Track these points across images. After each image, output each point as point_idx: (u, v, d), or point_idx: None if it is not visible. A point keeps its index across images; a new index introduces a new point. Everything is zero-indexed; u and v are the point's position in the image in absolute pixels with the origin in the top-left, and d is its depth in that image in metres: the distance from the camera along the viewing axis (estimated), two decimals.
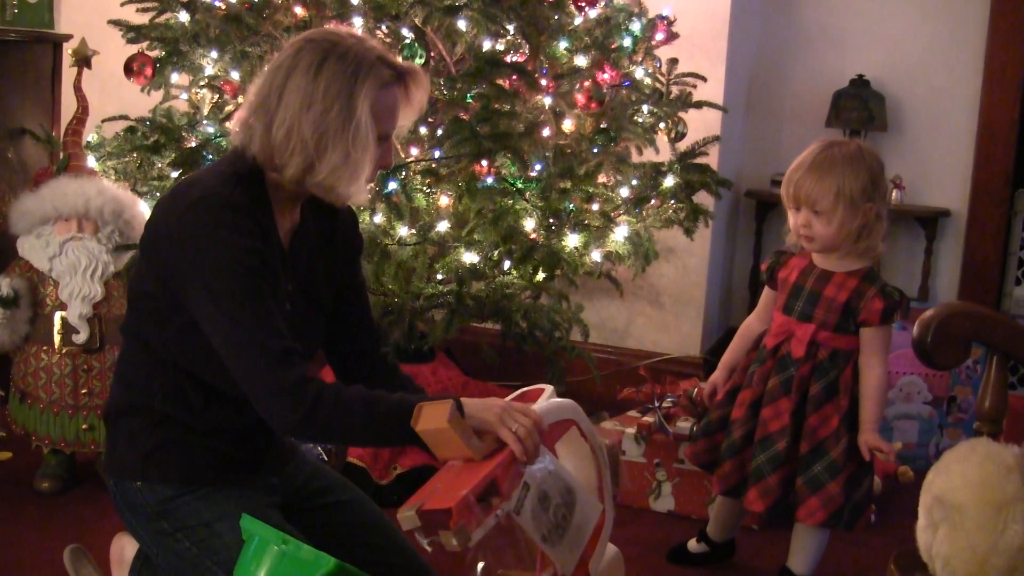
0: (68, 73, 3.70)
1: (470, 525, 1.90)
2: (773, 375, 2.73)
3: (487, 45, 3.18)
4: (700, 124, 3.87)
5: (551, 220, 3.26)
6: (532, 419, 2.01)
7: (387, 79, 2.09)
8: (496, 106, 3.12)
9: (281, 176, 2.09)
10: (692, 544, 3.05)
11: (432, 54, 3.12)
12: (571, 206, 3.31)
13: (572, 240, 3.28)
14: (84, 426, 3.21)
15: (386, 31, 3.22)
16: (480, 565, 2.09)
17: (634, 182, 3.52)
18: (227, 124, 3.25)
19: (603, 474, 2.26)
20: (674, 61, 3.66)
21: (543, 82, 3.22)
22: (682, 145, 3.65)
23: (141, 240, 2.15)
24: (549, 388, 2.21)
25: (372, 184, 2.23)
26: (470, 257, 3.22)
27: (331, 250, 2.27)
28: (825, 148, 2.65)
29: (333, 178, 2.07)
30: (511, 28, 3.23)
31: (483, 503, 1.93)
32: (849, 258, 2.69)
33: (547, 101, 3.24)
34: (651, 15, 3.58)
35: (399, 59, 2.14)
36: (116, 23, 3.42)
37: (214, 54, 3.26)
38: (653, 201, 3.56)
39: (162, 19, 3.39)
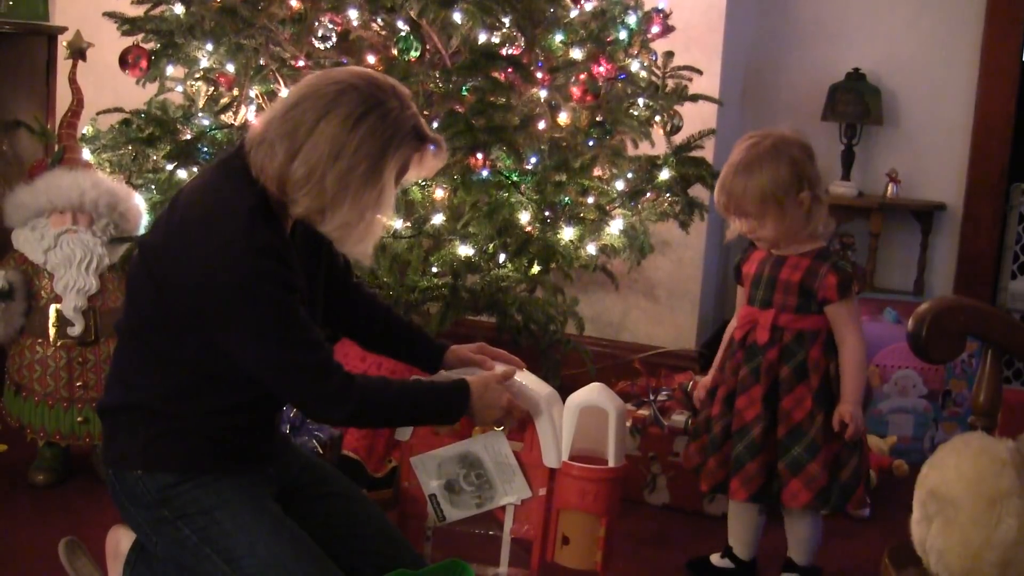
0: (63, 65, 3.68)
1: None
2: (743, 365, 2.73)
3: (483, 38, 3.18)
4: (696, 117, 3.87)
5: (546, 213, 3.26)
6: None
7: (415, 149, 2.14)
8: (491, 99, 3.12)
9: (289, 207, 2.11)
10: (715, 558, 2.96)
11: (427, 47, 3.11)
12: (566, 199, 3.31)
13: (567, 233, 3.28)
14: (79, 419, 3.21)
15: (381, 24, 3.21)
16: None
17: (629, 175, 3.52)
18: (222, 117, 3.25)
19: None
20: (670, 54, 3.66)
21: (539, 75, 3.21)
22: (677, 138, 3.65)
23: (148, 256, 2.14)
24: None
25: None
26: (465, 250, 3.22)
27: (319, 237, 2.26)
28: (744, 151, 2.65)
29: (342, 232, 2.11)
30: (507, 21, 3.23)
31: None
32: (800, 242, 2.69)
33: (543, 94, 3.24)
34: (647, 8, 3.58)
35: (430, 131, 2.18)
36: (111, 15, 3.41)
37: (209, 46, 3.25)
38: (648, 194, 3.56)
39: (157, 11, 3.39)
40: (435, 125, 3.16)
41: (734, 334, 2.80)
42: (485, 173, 3.09)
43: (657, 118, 3.62)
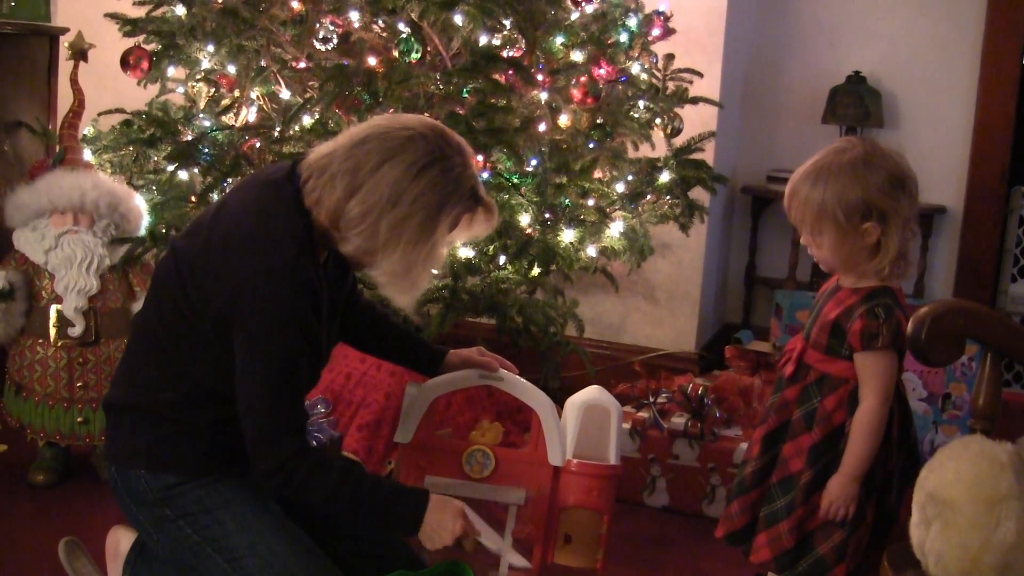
0: (64, 66, 3.69)
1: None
2: (772, 395, 2.46)
3: (483, 40, 3.18)
4: (696, 120, 3.87)
5: (547, 215, 3.26)
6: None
7: (469, 209, 2.13)
8: (492, 101, 3.11)
9: (339, 244, 2.11)
10: None
11: (428, 49, 3.12)
12: (567, 201, 3.31)
13: (567, 235, 3.28)
14: (79, 419, 3.21)
15: (382, 25, 3.22)
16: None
17: (630, 177, 3.52)
18: (223, 118, 3.25)
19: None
20: (670, 57, 3.66)
21: (539, 77, 3.21)
22: (678, 141, 3.65)
23: (182, 261, 2.12)
24: None
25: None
26: (465, 252, 3.22)
27: (345, 265, 2.27)
28: (824, 154, 2.30)
29: (387, 278, 2.11)
30: (507, 23, 3.23)
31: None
32: (862, 276, 2.32)
33: (543, 96, 3.24)
34: (647, 10, 3.58)
35: (486, 194, 2.17)
36: (113, 16, 3.41)
37: (210, 48, 3.26)
38: (649, 196, 3.56)
39: (159, 13, 3.39)
40: None
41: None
42: (486, 175, 3.09)
43: (657, 120, 3.62)
